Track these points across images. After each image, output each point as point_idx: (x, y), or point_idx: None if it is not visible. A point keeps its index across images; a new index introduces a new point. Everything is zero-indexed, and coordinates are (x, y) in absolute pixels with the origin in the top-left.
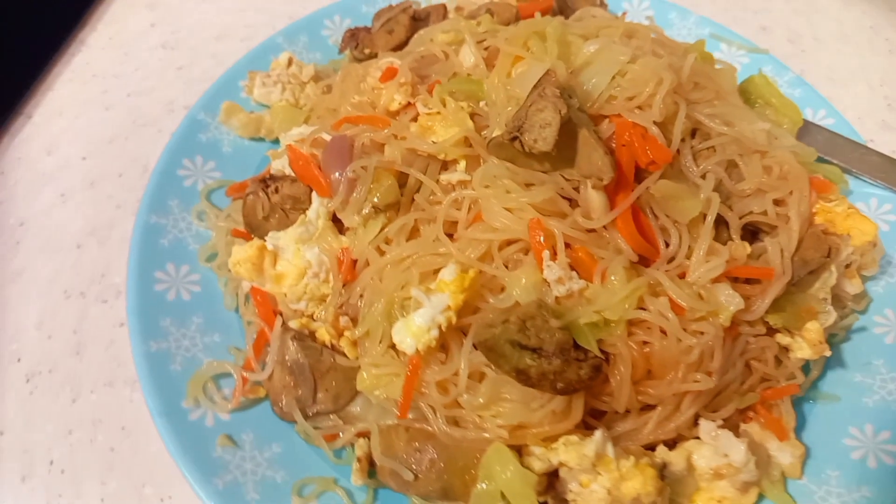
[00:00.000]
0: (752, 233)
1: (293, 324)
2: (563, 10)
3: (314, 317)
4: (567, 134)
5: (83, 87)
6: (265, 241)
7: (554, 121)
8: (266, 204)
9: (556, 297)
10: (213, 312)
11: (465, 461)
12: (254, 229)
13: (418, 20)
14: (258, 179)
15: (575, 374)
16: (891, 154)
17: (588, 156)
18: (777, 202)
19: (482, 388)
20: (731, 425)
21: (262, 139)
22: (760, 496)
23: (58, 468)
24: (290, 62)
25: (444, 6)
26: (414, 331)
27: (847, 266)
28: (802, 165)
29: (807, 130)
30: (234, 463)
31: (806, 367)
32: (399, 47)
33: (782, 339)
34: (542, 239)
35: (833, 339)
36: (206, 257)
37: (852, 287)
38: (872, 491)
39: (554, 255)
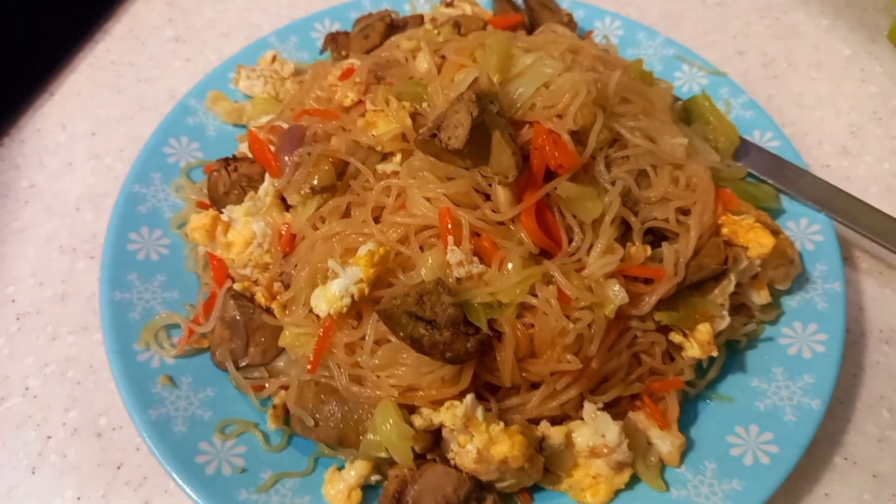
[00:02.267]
0: (663, 239)
1: (237, 286)
2: (533, 26)
3: (257, 282)
4: (484, 134)
5: (101, 72)
6: (221, 212)
7: (466, 121)
8: (227, 181)
9: (458, 279)
10: (176, 273)
11: (360, 415)
12: (216, 203)
13: (396, 28)
14: (223, 160)
15: (463, 346)
16: (842, 177)
17: (499, 155)
18: (683, 211)
19: (381, 351)
20: (621, 413)
21: (244, 126)
22: (636, 478)
23: (31, 394)
24: (273, 59)
25: (421, 17)
26: (329, 297)
27: (754, 277)
28: (730, 181)
29: (745, 150)
30: (170, 399)
31: (704, 368)
32: (372, 51)
33: (675, 337)
34: (449, 226)
35: (737, 345)
36: (177, 225)
37: (759, 298)
38: (743, 484)
39: (459, 241)
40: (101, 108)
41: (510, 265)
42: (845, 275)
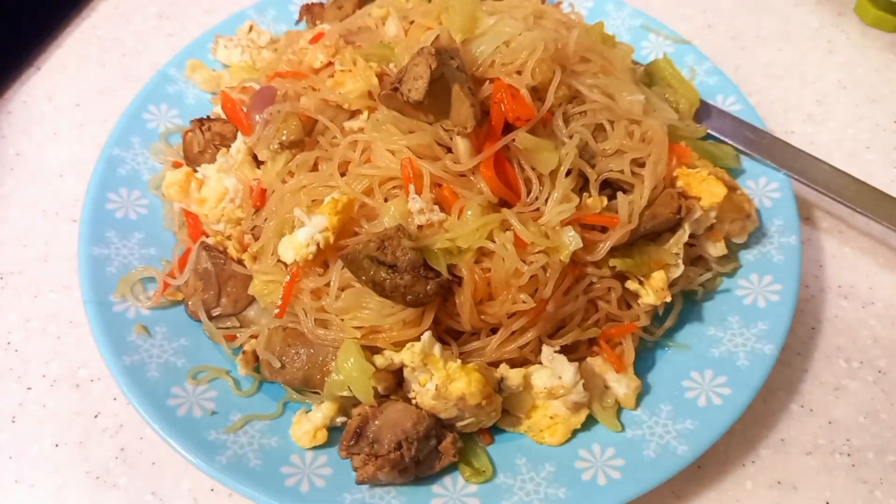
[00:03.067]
0: (620, 191)
1: (210, 240)
2: None
3: (230, 237)
4: (444, 88)
5: (86, 46)
6: (195, 170)
7: (425, 74)
8: (201, 140)
9: (419, 226)
10: (154, 231)
11: (325, 356)
12: (191, 162)
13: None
14: (197, 120)
15: (422, 289)
16: (806, 141)
17: (458, 108)
18: (638, 164)
19: (345, 294)
20: (579, 358)
21: None
22: (592, 420)
23: (13, 348)
24: (250, 29)
25: None
26: (295, 245)
27: (710, 229)
28: (690, 140)
29: (707, 112)
30: (144, 348)
31: (665, 318)
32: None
33: (631, 284)
34: (410, 175)
35: (695, 296)
36: (155, 185)
37: (715, 250)
38: (696, 424)
39: (420, 190)
40: (85, 81)
41: (469, 213)
42: (800, 229)
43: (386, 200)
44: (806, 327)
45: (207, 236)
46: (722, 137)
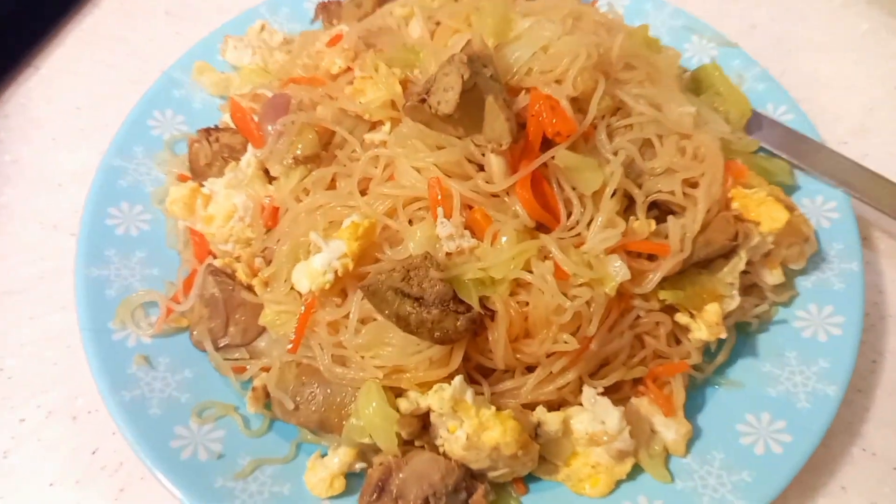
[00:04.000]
0: (669, 213)
1: (217, 262)
2: None
3: (239, 258)
4: (477, 100)
5: (88, 46)
6: (202, 185)
7: (456, 84)
8: (209, 152)
9: (447, 253)
10: (157, 249)
11: (343, 398)
12: (197, 175)
13: None
14: (204, 130)
15: (452, 324)
16: (860, 155)
17: (492, 122)
18: (690, 184)
19: (365, 329)
20: (623, 398)
21: None
22: (638, 468)
23: (6, 375)
24: (262, 28)
25: None
26: (311, 273)
27: (767, 255)
28: (742, 154)
29: (758, 122)
30: (145, 381)
31: (716, 353)
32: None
33: (681, 318)
34: (439, 197)
35: (748, 328)
36: (158, 199)
37: (772, 277)
38: (753, 476)
39: (449, 213)
40: (87, 83)
41: (504, 239)
42: (863, 254)
43: (410, 223)
44: (866, 360)
45: (214, 257)
46: (775, 150)
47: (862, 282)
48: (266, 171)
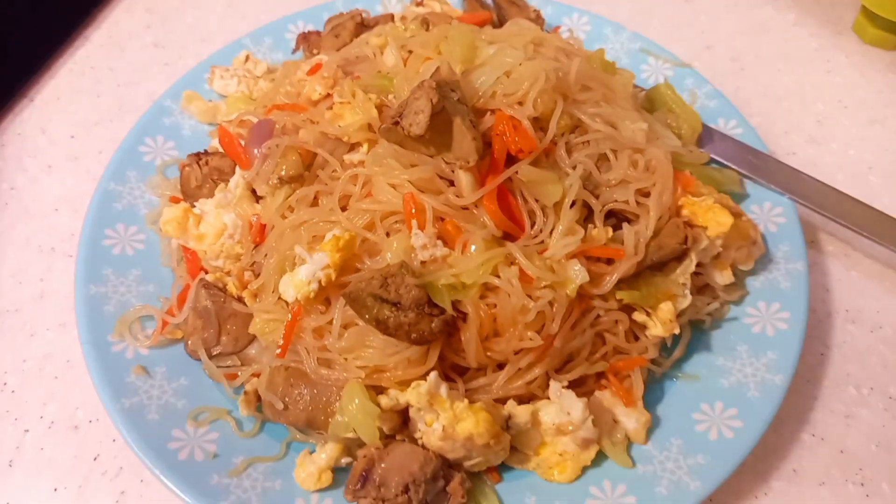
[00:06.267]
0: (625, 220)
1: (209, 277)
2: (502, 22)
3: (229, 273)
4: (446, 121)
5: (80, 77)
6: (193, 205)
7: (426, 108)
8: (199, 175)
9: (422, 262)
10: (152, 268)
11: (329, 397)
12: (188, 197)
13: (366, 27)
14: (194, 154)
15: (427, 326)
16: (809, 163)
17: (460, 141)
18: (643, 193)
19: (348, 333)
20: (587, 392)
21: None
22: (602, 455)
23: (9, 389)
24: (247, 58)
25: (391, 16)
26: (296, 283)
27: (716, 257)
28: (691, 166)
29: (709, 136)
30: (143, 389)
31: (673, 348)
32: (342, 49)
33: (638, 316)
34: (413, 210)
35: (702, 325)
36: (152, 220)
37: (722, 278)
38: (707, 458)
39: (422, 225)
40: (80, 112)
41: (473, 248)
42: (807, 254)
43: (388, 235)
44: (814, 353)
45: (206, 272)
46: (725, 162)
47: (806, 280)
48: (253, 191)
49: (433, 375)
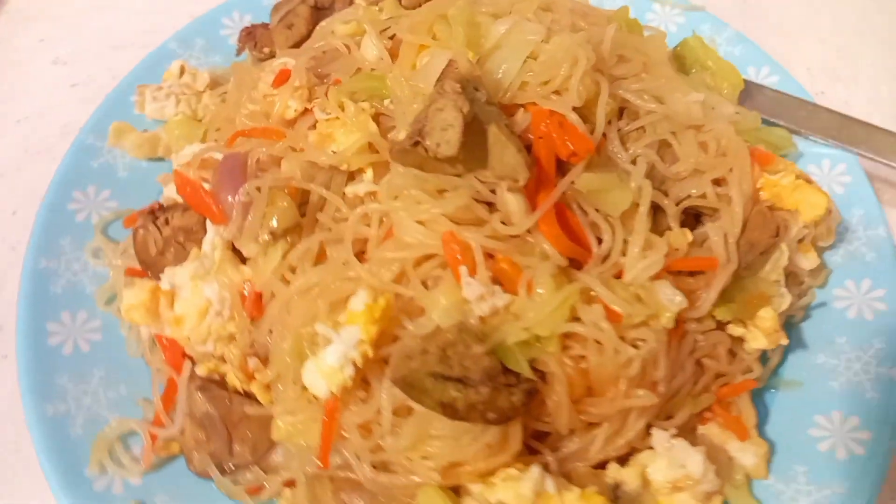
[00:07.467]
0: (694, 216)
1: (200, 370)
2: None
3: (224, 358)
4: (476, 131)
5: None
6: (159, 281)
7: (456, 121)
8: (158, 238)
9: (480, 317)
10: (117, 362)
11: None
12: (149, 266)
13: (321, 10)
14: (147, 211)
15: (506, 401)
16: (842, 105)
17: (500, 154)
18: (717, 182)
19: (407, 427)
20: (688, 428)
21: (161, 159)
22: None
23: None
24: (182, 71)
25: None
26: (325, 371)
27: (800, 241)
28: (746, 132)
29: (749, 92)
30: None
31: (764, 355)
32: (300, 43)
33: (735, 330)
34: (458, 253)
35: (792, 319)
36: (105, 300)
37: (808, 262)
38: (844, 486)
39: (473, 270)
40: None
41: (540, 288)
42: (886, 216)
43: (426, 287)
44: None
45: (193, 361)
46: (772, 119)
47: (892, 247)
48: (235, 250)
49: (535, 470)
